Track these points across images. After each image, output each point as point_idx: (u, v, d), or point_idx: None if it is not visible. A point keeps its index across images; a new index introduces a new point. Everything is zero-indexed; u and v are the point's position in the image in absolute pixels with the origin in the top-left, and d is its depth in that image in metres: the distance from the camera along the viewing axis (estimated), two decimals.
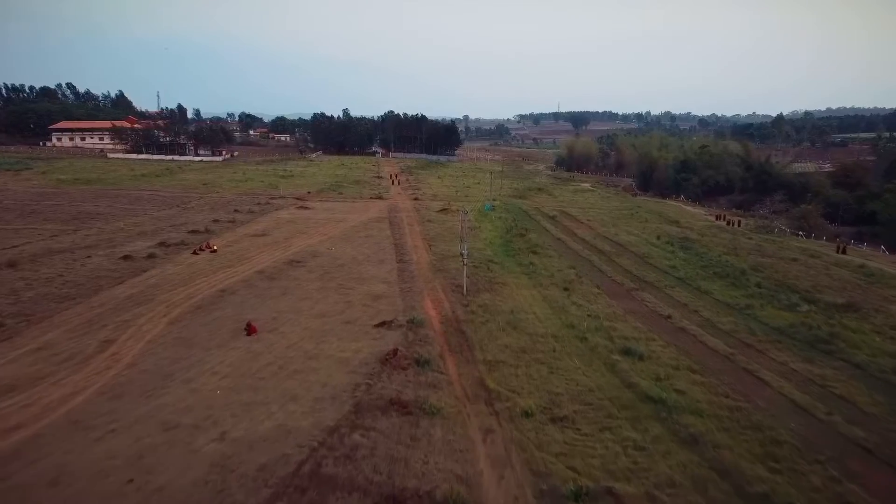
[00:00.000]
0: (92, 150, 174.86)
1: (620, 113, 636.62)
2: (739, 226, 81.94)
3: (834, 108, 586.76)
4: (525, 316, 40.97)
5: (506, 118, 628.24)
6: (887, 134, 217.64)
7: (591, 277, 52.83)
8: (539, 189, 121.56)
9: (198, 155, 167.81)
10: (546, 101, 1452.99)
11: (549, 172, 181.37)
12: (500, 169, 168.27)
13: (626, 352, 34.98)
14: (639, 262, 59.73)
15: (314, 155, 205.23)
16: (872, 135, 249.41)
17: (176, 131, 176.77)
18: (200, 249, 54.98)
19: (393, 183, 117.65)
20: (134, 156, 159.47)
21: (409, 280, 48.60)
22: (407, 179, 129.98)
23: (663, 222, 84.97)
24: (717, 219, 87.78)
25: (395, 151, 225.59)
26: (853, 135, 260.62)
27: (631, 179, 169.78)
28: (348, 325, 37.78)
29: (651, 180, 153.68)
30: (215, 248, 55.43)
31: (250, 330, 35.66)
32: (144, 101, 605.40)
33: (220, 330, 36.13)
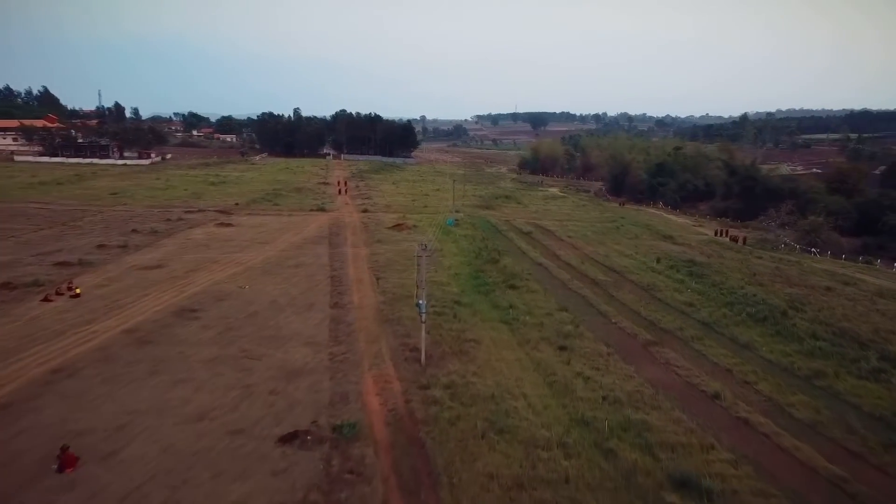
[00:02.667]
0: (1, 152, 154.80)
1: (578, 114, 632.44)
2: (745, 243, 70.15)
3: (784, 109, 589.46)
4: (513, 404, 27.52)
5: (463, 118, 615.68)
6: (856, 135, 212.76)
7: (591, 325, 39.71)
8: (506, 196, 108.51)
9: (122, 158, 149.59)
10: (504, 102, 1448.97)
11: (514, 176, 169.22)
12: (462, 172, 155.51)
13: (682, 482, 21.82)
14: (645, 297, 46.97)
15: (258, 157, 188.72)
16: (837, 136, 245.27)
17: (99, 132, 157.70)
18: (57, 293, 39.86)
19: (340, 192, 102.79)
20: (46, 159, 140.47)
21: (344, 339, 34.64)
22: (357, 186, 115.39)
23: (655, 238, 72.79)
24: (717, 234, 75.89)
25: (347, 153, 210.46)
26: (822, 135, 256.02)
27: (601, 183, 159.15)
28: (237, 438, 23.67)
29: (623, 184, 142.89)
30: (78, 290, 40.32)
31: (65, 462, 21.30)
32: (86, 100, 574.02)
33: (14, 462, 21.64)
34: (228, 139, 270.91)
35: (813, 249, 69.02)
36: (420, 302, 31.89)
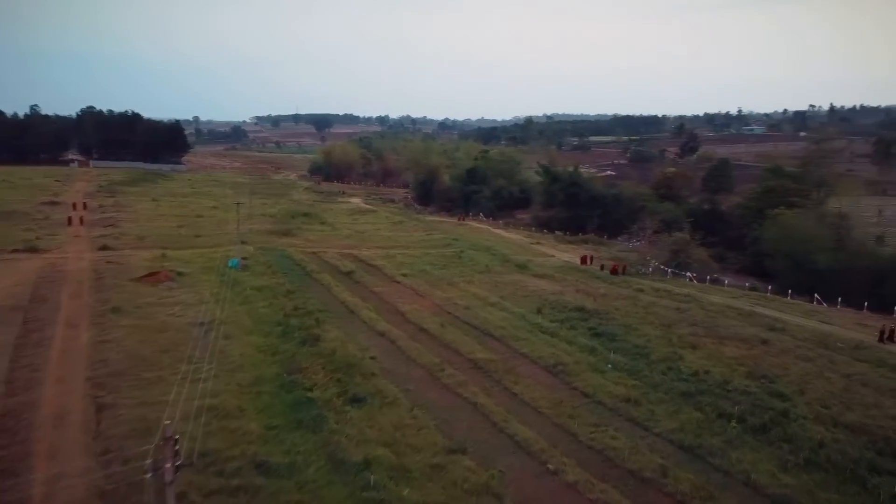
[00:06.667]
0: None
1: (362, 116, 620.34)
2: (625, 272, 57.38)
3: (549, 113, 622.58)
4: None
5: (242, 120, 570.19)
6: (637, 137, 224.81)
7: (520, 486, 21.76)
8: (305, 214, 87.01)
9: None
10: (284, 103, 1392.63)
11: (307, 184, 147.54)
12: (246, 181, 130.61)
13: None
14: (561, 390, 30.21)
15: None
16: (613, 138, 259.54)
17: None
18: None
19: (72, 219, 72.36)
20: None
21: None
22: (101, 206, 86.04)
23: (507, 268, 57.47)
24: (584, 262, 62.35)
25: (98, 159, 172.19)
26: (601, 138, 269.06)
27: (405, 191, 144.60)
28: None
29: (432, 192, 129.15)
30: None
31: None
32: None
33: None
34: None
35: (688, 274, 58.63)
36: None
